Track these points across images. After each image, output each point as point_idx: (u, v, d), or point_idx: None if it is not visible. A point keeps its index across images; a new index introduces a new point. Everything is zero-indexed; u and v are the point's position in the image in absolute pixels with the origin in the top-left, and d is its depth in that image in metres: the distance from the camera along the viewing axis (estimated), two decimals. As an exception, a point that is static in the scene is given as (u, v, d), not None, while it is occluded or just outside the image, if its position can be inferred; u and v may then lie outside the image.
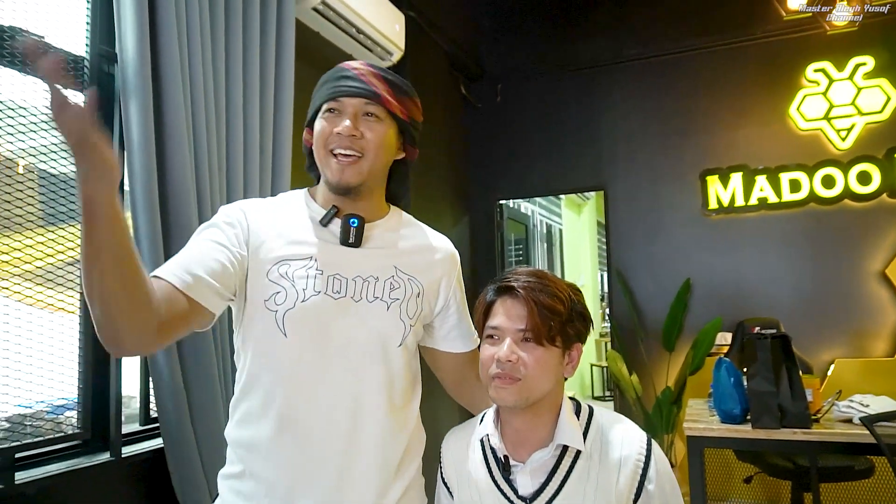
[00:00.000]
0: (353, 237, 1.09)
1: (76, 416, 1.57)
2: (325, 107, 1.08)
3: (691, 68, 3.81)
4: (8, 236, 1.43)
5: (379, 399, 1.07)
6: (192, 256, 0.99)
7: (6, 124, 1.42)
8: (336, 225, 1.10)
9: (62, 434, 1.52)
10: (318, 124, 1.09)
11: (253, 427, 1.05)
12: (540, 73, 4.13)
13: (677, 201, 3.80)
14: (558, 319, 1.04)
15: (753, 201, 3.62)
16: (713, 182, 3.71)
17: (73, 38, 1.59)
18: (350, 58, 2.62)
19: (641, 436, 1.09)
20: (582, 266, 7.69)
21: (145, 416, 1.76)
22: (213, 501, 1.12)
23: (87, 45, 1.59)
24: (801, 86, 3.59)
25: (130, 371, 1.69)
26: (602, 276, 7.54)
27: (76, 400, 1.57)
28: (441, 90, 3.55)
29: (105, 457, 1.56)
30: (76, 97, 0.75)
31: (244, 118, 1.85)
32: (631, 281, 3.87)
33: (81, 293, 1.53)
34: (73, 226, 1.55)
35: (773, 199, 3.59)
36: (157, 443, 1.68)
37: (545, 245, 7.21)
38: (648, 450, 1.07)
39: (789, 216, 3.58)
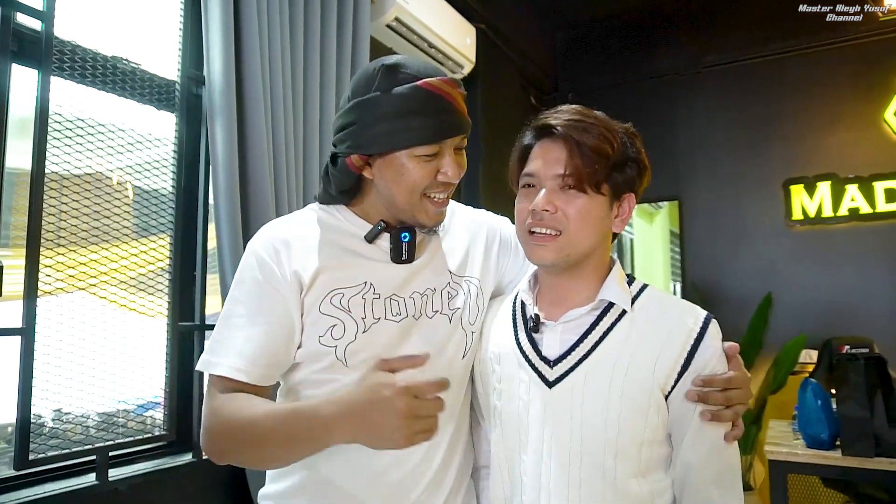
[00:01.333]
0: (406, 253, 0.99)
1: (162, 418, 1.66)
2: (426, 148, 0.93)
3: (773, 73, 3.63)
4: (104, 248, 1.54)
5: (447, 424, 1.01)
6: (260, 343, 0.92)
7: (105, 144, 1.53)
8: (384, 240, 1.01)
9: (150, 435, 1.61)
10: (413, 168, 0.93)
11: (306, 467, 0.99)
12: (614, 83, 4.05)
13: (758, 211, 3.62)
14: (605, 163, 0.89)
15: (843, 212, 3.40)
16: (798, 192, 3.52)
17: (167, 63, 1.69)
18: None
19: (701, 311, 0.92)
20: (654, 276, 7.46)
21: (225, 420, 1.83)
22: None
23: (178, 69, 1.69)
24: (898, 89, 3.36)
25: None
26: (675, 286, 7.28)
27: (162, 402, 1.66)
28: (512, 102, 3.54)
29: (188, 457, 1.65)
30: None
31: (320, 134, 1.91)
32: (707, 293, 3.72)
33: (169, 301, 1.63)
34: (161, 237, 1.65)
35: (865, 209, 3.35)
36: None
37: (616, 254, 7.04)
38: (706, 322, 0.89)
39: (885, 228, 3.33)
